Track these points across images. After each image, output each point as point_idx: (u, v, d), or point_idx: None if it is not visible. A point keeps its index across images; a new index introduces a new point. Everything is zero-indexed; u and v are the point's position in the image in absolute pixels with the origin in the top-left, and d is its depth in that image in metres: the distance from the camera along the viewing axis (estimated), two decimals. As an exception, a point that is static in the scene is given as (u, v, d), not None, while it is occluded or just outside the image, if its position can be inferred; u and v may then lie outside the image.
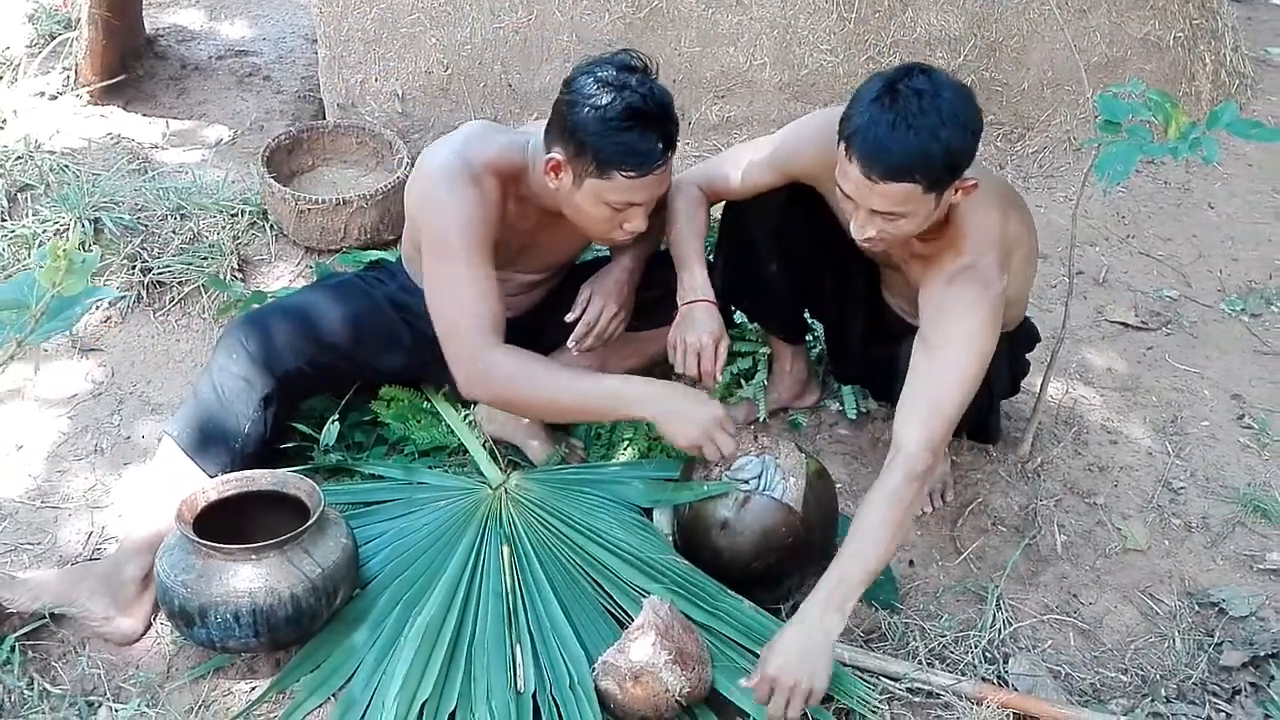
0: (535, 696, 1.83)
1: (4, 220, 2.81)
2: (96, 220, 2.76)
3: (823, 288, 2.36)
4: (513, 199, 2.10)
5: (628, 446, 2.36)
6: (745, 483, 2.01)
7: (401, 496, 2.21)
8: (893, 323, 2.33)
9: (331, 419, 2.28)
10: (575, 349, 2.26)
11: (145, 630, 1.98)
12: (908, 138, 1.73)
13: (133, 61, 3.54)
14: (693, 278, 2.13)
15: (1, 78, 3.32)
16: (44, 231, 2.73)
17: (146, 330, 2.66)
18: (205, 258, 2.75)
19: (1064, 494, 2.39)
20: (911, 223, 1.85)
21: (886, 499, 1.85)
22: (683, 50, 3.23)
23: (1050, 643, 2.07)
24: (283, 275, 2.83)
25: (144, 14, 3.72)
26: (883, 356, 2.36)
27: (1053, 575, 2.21)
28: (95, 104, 3.34)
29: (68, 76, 3.34)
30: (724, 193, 2.22)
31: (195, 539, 1.82)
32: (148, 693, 1.89)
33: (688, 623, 1.87)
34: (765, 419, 2.49)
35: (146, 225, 2.81)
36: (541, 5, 3.17)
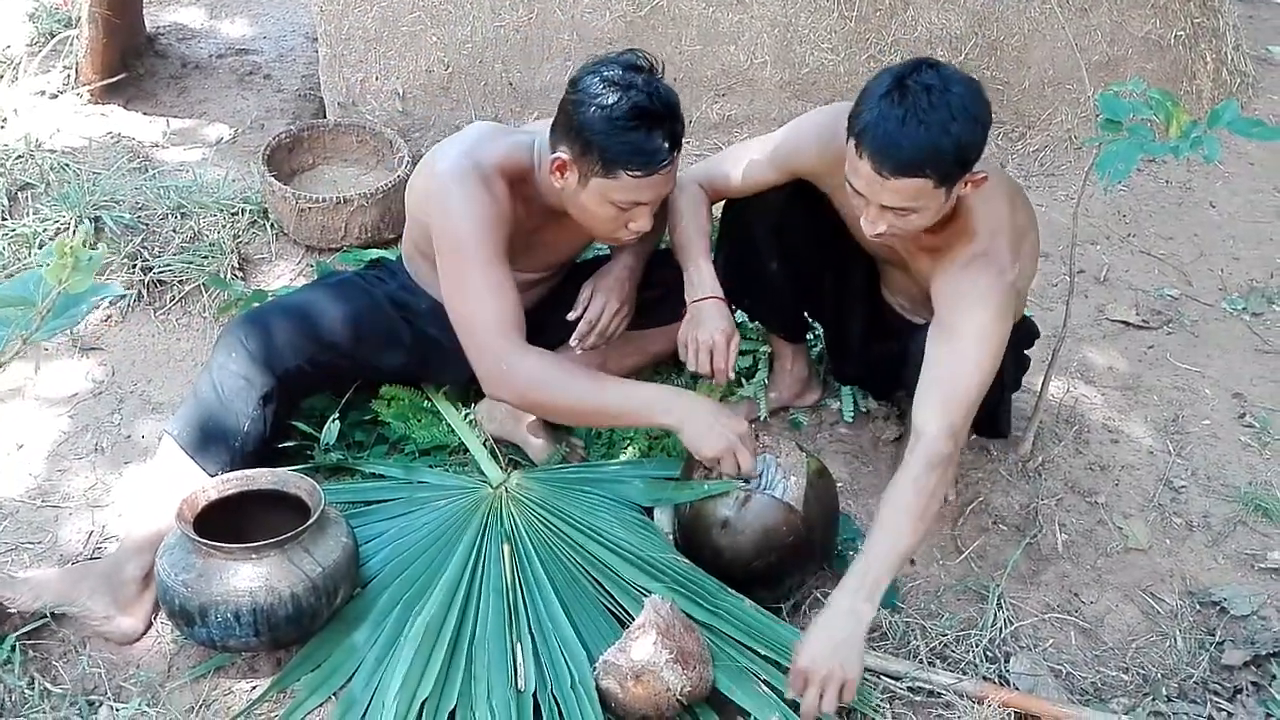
0: (536, 695, 1.83)
1: (5, 219, 2.81)
2: (97, 219, 2.76)
3: (823, 286, 2.36)
4: (520, 199, 2.10)
5: (628, 445, 2.36)
6: (746, 482, 2.01)
7: (402, 495, 2.21)
8: (892, 320, 2.33)
9: (332, 418, 2.28)
10: (578, 347, 2.26)
11: (146, 629, 1.98)
12: (918, 133, 1.73)
13: (133, 60, 3.54)
14: (700, 275, 2.13)
15: (2, 76, 3.32)
16: (44, 230, 2.73)
17: (147, 329, 2.66)
18: (206, 256, 2.75)
19: (1065, 493, 2.38)
20: (923, 218, 1.85)
21: (909, 486, 1.84)
22: (683, 49, 3.23)
23: (1051, 642, 2.07)
24: (283, 274, 2.83)
25: (144, 12, 3.72)
26: (882, 355, 2.36)
27: (1054, 574, 2.21)
28: (96, 102, 3.34)
29: (68, 75, 3.34)
30: (725, 191, 2.22)
31: (195, 538, 1.82)
32: (148, 692, 1.89)
33: (689, 622, 1.87)
34: (766, 418, 2.49)
35: (147, 224, 2.81)
36: (542, 4, 3.17)
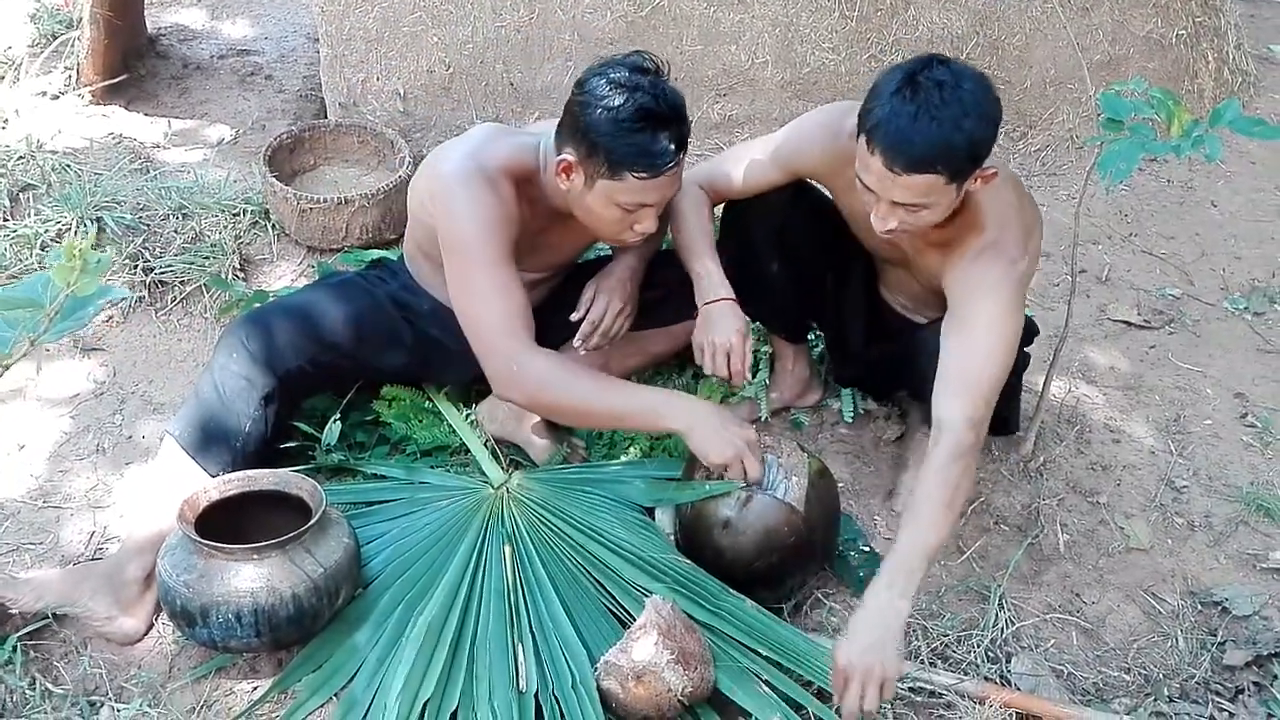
0: (537, 696, 1.83)
1: (6, 220, 2.82)
2: (98, 220, 2.76)
3: (824, 287, 2.36)
4: (525, 200, 2.10)
5: (630, 446, 2.36)
6: (748, 484, 2.01)
7: (403, 496, 2.21)
8: (891, 320, 2.33)
9: (333, 418, 2.28)
10: (581, 348, 2.25)
11: (147, 630, 1.98)
12: (930, 129, 1.73)
13: (134, 61, 3.54)
14: (709, 277, 2.12)
15: (3, 77, 3.32)
16: (46, 231, 2.73)
17: (148, 330, 2.66)
18: (207, 257, 2.75)
19: (1066, 493, 2.38)
20: (933, 213, 1.85)
21: (935, 479, 1.84)
22: (684, 49, 3.23)
23: (1053, 642, 2.07)
24: (284, 274, 2.83)
25: (145, 13, 3.72)
26: (882, 356, 2.36)
27: (1055, 574, 2.21)
28: (97, 103, 3.34)
29: (69, 76, 3.34)
30: (727, 193, 2.21)
31: (197, 539, 1.82)
32: (150, 692, 1.89)
33: (690, 622, 1.87)
34: (767, 418, 2.49)
35: (148, 225, 2.81)
36: (543, 4, 3.17)
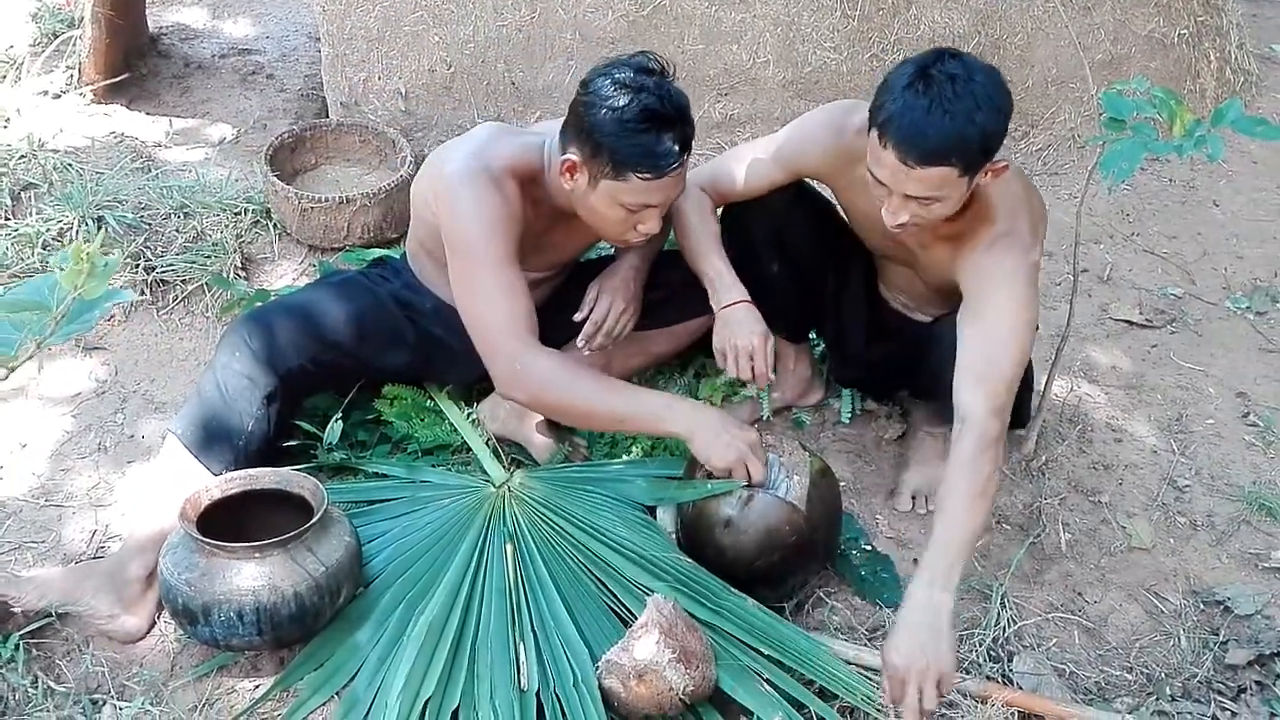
0: (539, 695, 1.83)
1: (8, 219, 2.82)
2: (100, 219, 2.76)
3: (824, 288, 2.36)
4: (529, 200, 2.10)
5: (631, 445, 2.35)
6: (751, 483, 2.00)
7: (405, 495, 2.21)
8: (890, 318, 2.33)
9: (335, 417, 2.28)
10: (584, 348, 2.25)
11: (149, 628, 1.98)
12: (944, 122, 1.74)
13: (136, 60, 3.54)
14: (722, 279, 2.12)
15: (5, 77, 3.33)
16: (47, 230, 2.73)
17: (150, 329, 2.66)
18: (209, 256, 2.75)
19: (1068, 492, 2.38)
20: (945, 206, 1.85)
21: (964, 469, 1.84)
22: (686, 48, 3.23)
23: (1055, 641, 2.07)
24: (286, 273, 2.83)
25: (147, 12, 3.72)
26: (883, 356, 2.36)
27: (1057, 573, 2.21)
28: (98, 102, 3.34)
29: (71, 75, 3.34)
30: (729, 194, 2.21)
31: (199, 537, 1.82)
32: (152, 691, 1.89)
33: (691, 621, 1.87)
34: (769, 417, 2.49)
35: (150, 224, 2.81)
36: (545, 3, 3.17)
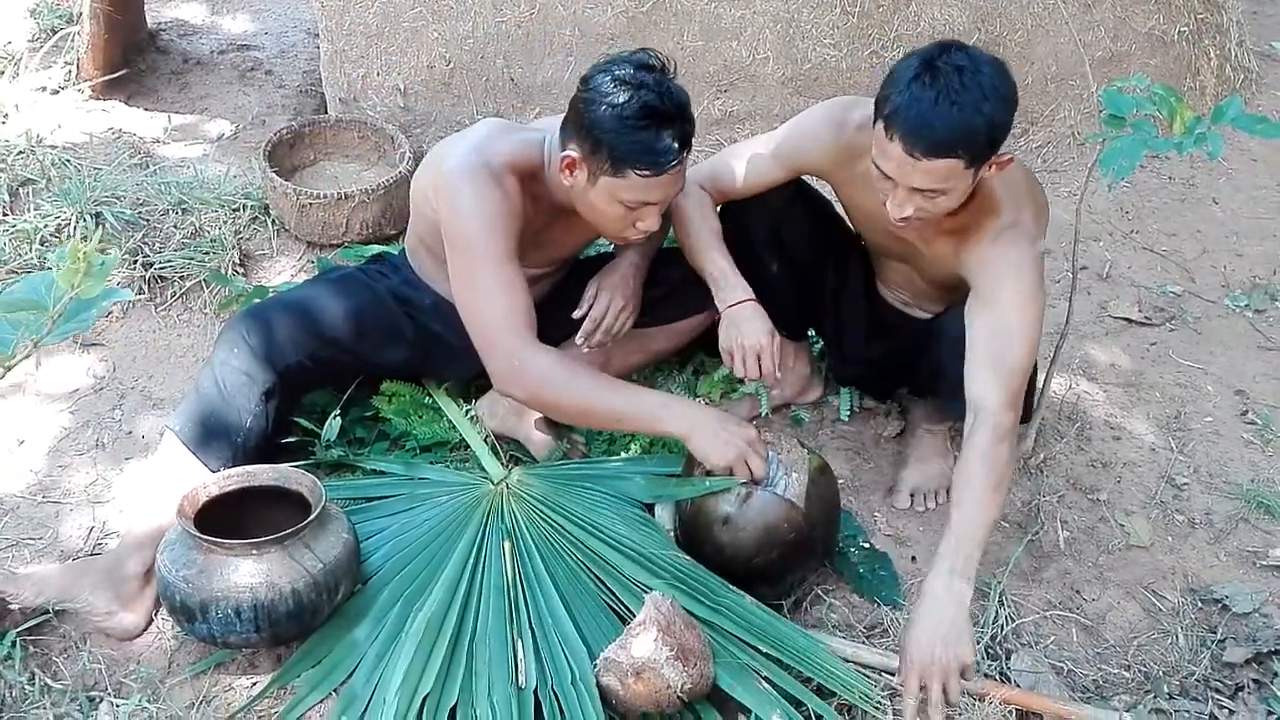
0: (537, 692, 1.83)
1: (6, 215, 2.81)
2: (98, 215, 2.76)
3: (823, 286, 2.36)
4: (529, 196, 2.10)
5: (630, 442, 2.35)
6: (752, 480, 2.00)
7: (403, 492, 2.20)
8: (889, 315, 2.33)
9: (333, 414, 2.28)
10: (584, 345, 2.25)
11: (147, 625, 1.98)
12: (951, 114, 1.74)
13: (134, 56, 3.54)
14: (726, 279, 2.12)
15: (3, 72, 3.32)
16: (45, 226, 2.73)
17: (148, 325, 2.66)
18: (207, 252, 2.75)
19: (1067, 490, 2.38)
20: (950, 199, 1.85)
21: (980, 460, 1.85)
22: (685, 44, 3.22)
23: (1053, 639, 2.07)
24: (284, 270, 2.83)
25: (145, 8, 3.72)
26: (883, 354, 2.36)
27: (1055, 571, 2.21)
28: (97, 98, 3.34)
29: (69, 71, 3.34)
30: (729, 192, 2.21)
31: (196, 534, 1.82)
32: (149, 688, 1.89)
33: (689, 619, 1.86)
34: (768, 415, 2.49)
35: (148, 220, 2.81)
36: (544, -1, 3.17)
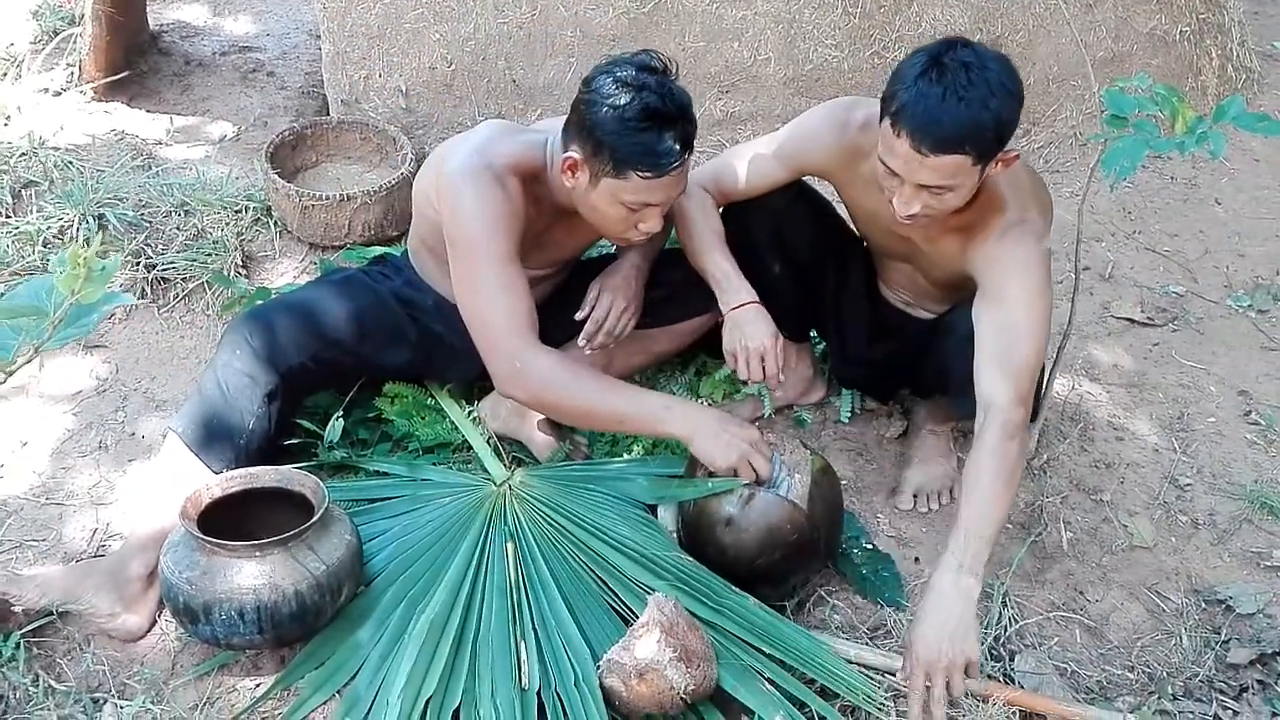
0: (540, 694, 1.83)
1: (8, 217, 2.81)
2: (100, 216, 2.76)
3: (825, 287, 2.36)
4: (531, 198, 2.10)
5: (632, 444, 2.35)
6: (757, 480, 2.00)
7: (406, 493, 2.20)
8: (890, 316, 2.33)
9: (336, 415, 2.28)
10: (586, 347, 2.25)
11: (150, 627, 1.98)
12: (958, 109, 1.74)
13: (136, 58, 3.54)
14: (730, 281, 2.12)
15: (6, 74, 3.32)
16: (48, 228, 2.73)
17: (151, 327, 2.66)
18: (209, 254, 2.75)
19: (1070, 491, 2.38)
20: (957, 196, 1.85)
21: (990, 457, 1.85)
22: (687, 45, 3.22)
23: (1056, 640, 2.07)
24: (287, 271, 2.83)
25: (148, 10, 3.72)
26: (886, 355, 2.36)
27: (1059, 572, 2.21)
28: (99, 100, 3.34)
29: (72, 73, 3.34)
30: (732, 194, 2.21)
31: (199, 536, 1.82)
32: (152, 689, 1.89)
33: (692, 620, 1.86)
34: (770, 416, 2.49)
35: (150, 221, 2.81)
36: (545, 0, 3.16)
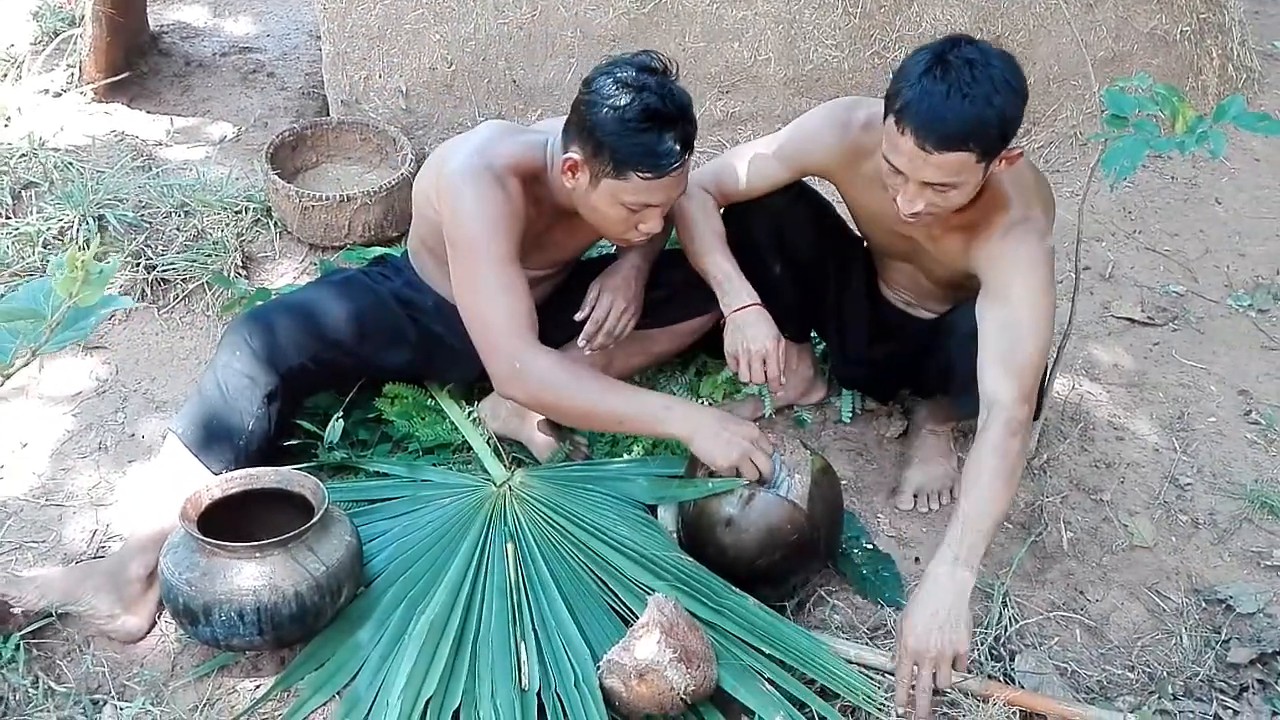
0: (540, 694, 1.83)
1: (8, 218, 2.81)
2: (100, 217, 2.76)
3: (826, 287, 2.36)
4: (532, 198, 2.10)
5: (632, 444, 2.35)
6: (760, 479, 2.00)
7: (406, 494, 2.20)
8: (891, 316, 2.33)
9: (336, 416, 2.28)
10: (586, 347, 2.25)
11: (150, 628, 1.98)
12: (963, 106, 1.74)
13: (137, 58, 3.54)
14: (731, 283, 2.12)
15: (6, 75, 3.32)
16: (48, 229, 2.73)
17: (151, 327, 2.66)
18: (209, 255, 2.75)
19: (1070, 490, 2.38)
20: (961, 194, 1.85)
21: (992, 453, 1.85)
22: (687, 45, 3.22)
23: (1057, 640, 2.06)
24: (287, 272, 2.83)
25: (148, 11, 3.72)
26: (887, 355, 2.36)
27: (1059, 572, 2.21)
28: (99, 101, 3.34)
29: (72, 73, 3.34)
30: (733, 194, 2.20)
31: (199, 537, 1.82)
32: (152, 691, 1.89)
33: (693, 620, 1.86)
34: (770, 416, 2.49)
35: (150, 222, 2.81)
36: (546, 1, 3.16)
